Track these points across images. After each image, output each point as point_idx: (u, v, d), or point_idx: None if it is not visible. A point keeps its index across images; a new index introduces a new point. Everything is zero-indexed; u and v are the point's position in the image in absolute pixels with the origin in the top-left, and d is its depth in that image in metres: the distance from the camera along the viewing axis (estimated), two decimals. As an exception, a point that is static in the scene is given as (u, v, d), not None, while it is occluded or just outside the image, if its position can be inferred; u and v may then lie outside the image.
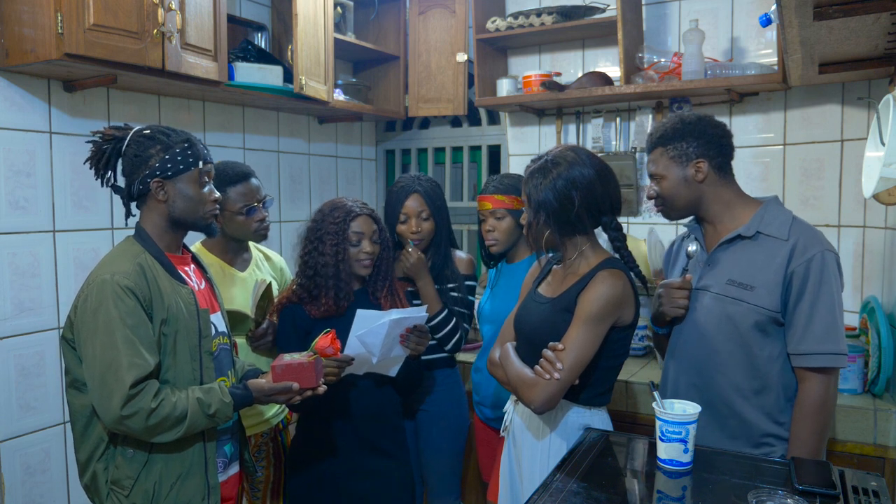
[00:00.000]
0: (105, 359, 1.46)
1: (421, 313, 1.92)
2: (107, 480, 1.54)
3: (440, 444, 2.29)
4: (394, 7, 3.32)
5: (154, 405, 1.46)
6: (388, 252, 2.03)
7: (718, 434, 1.70)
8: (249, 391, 1.62)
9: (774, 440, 1.67)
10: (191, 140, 1.62)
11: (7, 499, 2.09)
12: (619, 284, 1.66)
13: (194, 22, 2.23)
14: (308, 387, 1.64)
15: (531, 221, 1.74)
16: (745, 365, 1.67)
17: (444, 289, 2.25)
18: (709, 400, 1.69)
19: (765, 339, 1.66)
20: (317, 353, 1.69)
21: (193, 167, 1.60)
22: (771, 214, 1.71)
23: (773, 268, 1.64)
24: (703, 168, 1.72)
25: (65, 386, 1.61)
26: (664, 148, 1.76)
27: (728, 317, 1.68)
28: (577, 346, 1.62)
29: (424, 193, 2.24)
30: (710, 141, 1.73)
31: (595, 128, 2.99)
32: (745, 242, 1.70)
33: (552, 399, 1.62)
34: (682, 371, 1.78)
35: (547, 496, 1.34)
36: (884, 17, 1.53)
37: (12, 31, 1.96)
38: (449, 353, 2.26)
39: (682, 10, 2.82)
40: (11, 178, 2.08)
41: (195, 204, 1.61)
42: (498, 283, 2.31)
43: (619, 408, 2.37)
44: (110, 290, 1.47)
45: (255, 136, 2.94)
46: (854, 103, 2.49)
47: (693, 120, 1.75)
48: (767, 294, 1.64)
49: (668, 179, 1.76)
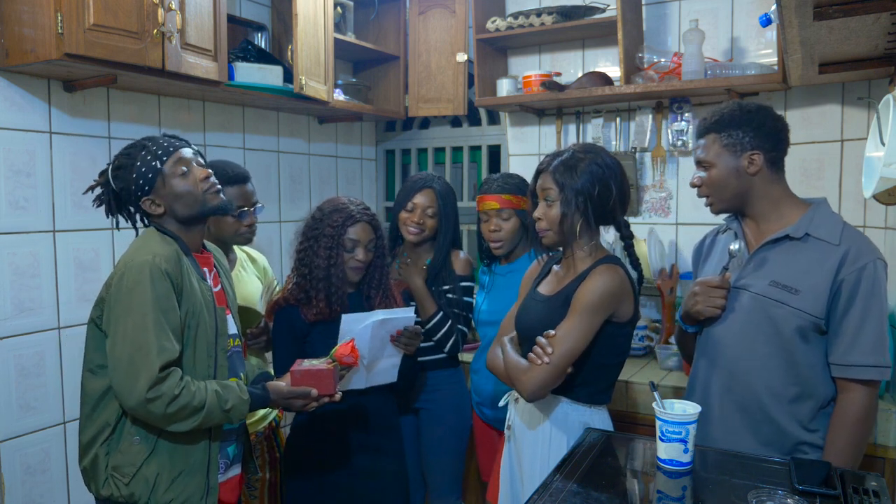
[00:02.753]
0: (136, 340, 1.47)
1: (408, 313, 1.92)
2: (107, 465, 1.54)
3: (443, 444, 2.29)
4: (394, 7, 3.31)
5: (177, 392, 1.47)
6: (383, 259, 2.03)
7: (751, 439, 1.64)
8: (268, 392, 1.63)
9: (808, 448, 1.61)
10: (147, 145, 1.61)
11: (7, 499, 2.09)
12: (616, 278, 1.67)
13: (194, 22, 2.23)
14: (325, 393, 1.65)
15: (565, 211, 1.69)
16: (785, 370, 1.60)
17: (439, 290, 2.26)
18: (742, 403, 1.64)
19: (806, 345, 1.59)
20: (336, 360, 1.70)
21: (159, 171, 1.59)
22: (821, 217, 1.63)
23: (822, 273, 1.56)
24: (758, 161, 1.63)
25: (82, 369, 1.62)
26: (718, 134, 1.66)
27: (769, 319, 1.61)
28: (569, 334, 1.62)
29: (438, 191, 2.28)
30: (769, 133, 1.64)
31: (595, 128, 2.99)
32: (792, 243, 1.62)
33: (544, 385, 1.62)
34: (714, 372, 1.71)
35: (547, 496, 1.34)
36: (884, 17, 1.53)
37: (12, 31, 1.96)
38: (448, 354, 2.27)
39: (682, 10, 2.82)
40: (11, 178, 2.08)
41: (189, 195, 1.61)
42: (494, 283, 2.31)
43: (619, 408, 2.37)
44: (149, 272, 1.49)
45: (255, 136, 2.94)
46: (854, 103, 2.49)
47: (753, 109, 1.66)
48: (813, 299, 1.56)
49: (717, 168, 1.67)
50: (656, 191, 2.90)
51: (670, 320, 2.71)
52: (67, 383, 2.23)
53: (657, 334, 2.75)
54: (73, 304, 2.25)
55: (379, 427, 2.01)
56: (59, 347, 2.22)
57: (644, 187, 2.92)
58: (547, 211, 1.73)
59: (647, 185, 2.92)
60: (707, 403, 1.66)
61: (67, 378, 2.23)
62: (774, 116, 1.67)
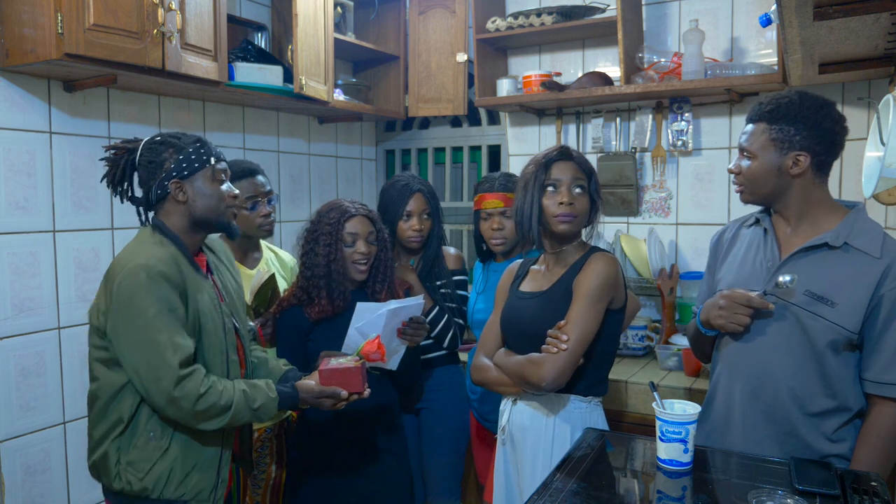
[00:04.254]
0: (148, 340, 1.47)
1: (418, 301, 1.92)
2: (118, 461, 1.55)
3: (442, 444, 2.29)
4: (394, 7, 3.31)
5: (203, 390, 1.48)
6: (387, 253, 2.03)
7: (776, 450, 1.57)
8: (296, 391, 1.63)
9: (836, 460, 1.53)
10: (202, 140, 1.64)
11: (7, 499, 2.09)
12: (612, 264, 1.71)
13: (194, 22, 2.23)
14: (355, 391, 1.66)
15: (594, 199, 1.76)
16: (815, 381, 1.53)
17: (433, 286, 2.27)
18: (769, 414, 1.57)
19: (836, 357, 1.51)
20: (362, 357, 1.70)
21: (207, 164, 1.61)
22: (861, 225, 1.54)
23: (861, 286, 1.48)
24: (803, 162, 1.54)
25: (90, 361, 1.59)
26: (769, 125, 1.56)
27: (802, 330, 1.52)
28: (580, 321, 1.64)
29: (427, 193, 2.30)
30: (823, 135, 1.53)
31: (595, 128, 2.99)
32: (829, 252, 1.53)
33: (562, 373, 1.62)
34: (738, 380, 1.62)
35: (547, 496, 1.34)
36: (884, 17, 1.53)
37: (12, 31, 1.96)
38: (447, 349, 2.27)
39: (682, 10, 2.82)
40: (11, 178, 2.08)
41: (215, 200, 1.62)
42: (488, 282, 2.31)
43: (619, 408, 2.37)
44: (146, 275, 1.48)
45: (255, 136, 2.94)
46: (854, 103, 2.48)
47: (814, 105, 1.54)
48: (851, 314, 1.48)
49: (758, 161, 1.57)
50: (656, 191, 2.90)
51: (670, 320, 2.71)
52: (67, 383, 2.24)
53: (657, 334, 2.74)
54: (73, 304, 2.25)
55: (383, 427, 2.01)
56: (59, 347, 2.22)
57: (644, 187, 2.92)
58: (578, 198, 1.74)
59: (647, 185, 2.92)
60: (730, 410, 1.63)
61: (67, 378, 2.23)
62: (835, 117, 1.55)
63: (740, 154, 1.63)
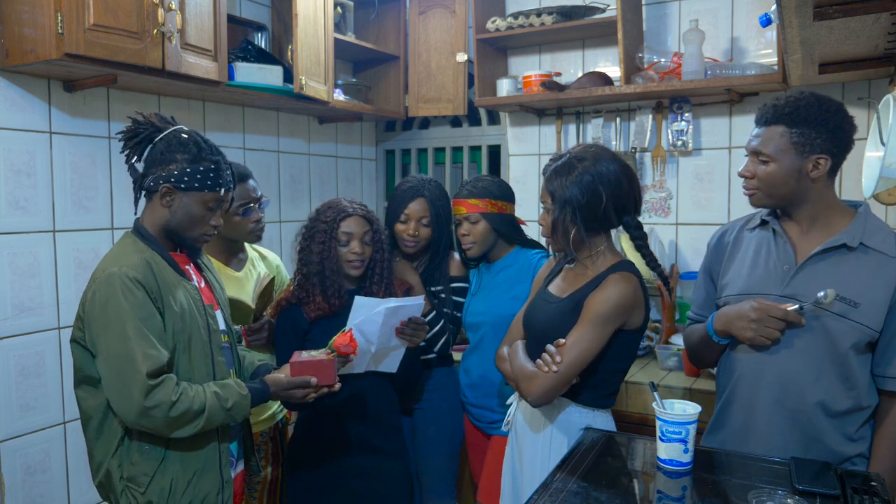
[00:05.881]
0: (119, 352, 1.45)
1: (418, 301, 1.92)
2: (121, 477, 1.53)
3: (437, 444, 2.28)
4: (394, 7, 3.31)
5: (174, 398, 1.45)
6: (384, 254, 2.02)
7: (802, 456, 1.54)
8: (267, 385, 1.62)
9: (858, 460, 1.54)
10: (220, 164, 1.59)
11: (7, 499, 2.09)
12: (629, 288, 1.64)
13: (194, 22, 2.23)
14: (325, 384, 1.64)
15: (556, 220, 1.67)
16: (839, 386, 1.52)
17: (431, 291, 2.26)
18: (794, 419, 1.55)
19: (858, 358, 1.51)
20: (334, 350, 1.70)
21: (209, 191, 1.57)
22: (872, 225, 1.55)
23: (881, 286, 1.49)
24: (823, 166, 1.51)
25: (73, 386, 1.59)
26: (788, 128, 1.52)
27: (826, 333, 1.51)
28: (579, 344, 1.61)
29: (430, 199, 2.24)
30: (841, 138, 1.52)
31: (595, 128, 2.99)
32: (846, 253, 1.53)
33: (548, 393, 1.62)
34: (759, 387, 1.58)
35: (547, 496, 1.34)
36: (884, 17, 1.53)
37: (12, 31, 1.96)
38: (437, 353, 2.26)
39: (682, 10, 2.82)
40: (11, 178, 2.08)
41: (194, 224, 1.59)
42: (481, 285, 2.31)
43: (619, 408, 2.37)
44: (118, 283, 1.47)
45: (255, 136, 2.94)
46: (854, 103, 2.48)
47: (833, 109, 1.52)
48: (874, 313, 1.49)
49: (777, 164, 1.53)
50: (656, 191, 2.90)
51: (670, 320, 2.71)
52: (67, 383, 2.23)
53: (657, 334, 2.75)
54: (73, 304, 2.24)
55: (382, 427, 2.01)
56: (59, 347, 2.22)
57: (644, 187, 2.92)
58: (545, 217, 1.71)
59: (647, 186, 2.92)
60: (750, 418, 1.61)
61: (67, 378, 2.23)
62: (850, 120, 1.54)
63: (753, 157, 1.58)
